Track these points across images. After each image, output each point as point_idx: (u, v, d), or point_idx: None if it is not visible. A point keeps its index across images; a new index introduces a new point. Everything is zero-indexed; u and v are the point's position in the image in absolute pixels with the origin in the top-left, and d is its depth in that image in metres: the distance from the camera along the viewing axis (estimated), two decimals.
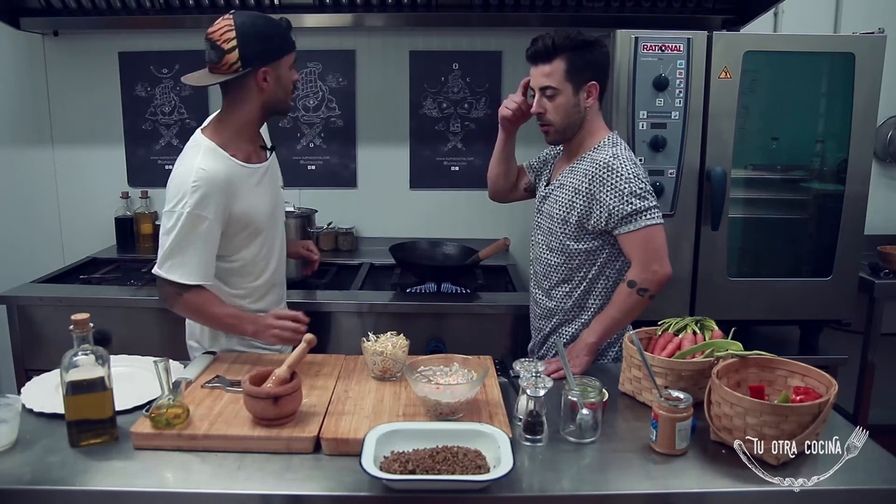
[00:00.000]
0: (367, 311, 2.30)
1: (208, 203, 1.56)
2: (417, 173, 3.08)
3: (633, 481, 1.21)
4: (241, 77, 1.59)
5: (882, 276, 2.62)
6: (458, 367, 1.45)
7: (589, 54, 1.67)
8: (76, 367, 1.23)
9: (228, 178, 1.60)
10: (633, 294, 1.65)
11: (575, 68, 1.66)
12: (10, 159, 3.07)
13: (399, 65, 3.00)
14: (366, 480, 1.13)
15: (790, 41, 2.37)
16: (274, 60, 1.61)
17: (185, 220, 1.55)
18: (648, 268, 1.64)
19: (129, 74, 3.00)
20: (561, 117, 1.71)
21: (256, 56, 1.57)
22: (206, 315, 1.64)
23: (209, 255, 1.61)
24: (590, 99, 1.70)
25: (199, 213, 1.55)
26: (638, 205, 1.63)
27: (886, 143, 3.02)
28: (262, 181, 1.73)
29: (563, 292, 1.80)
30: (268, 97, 1.64)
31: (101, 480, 1.17)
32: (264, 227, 1.72)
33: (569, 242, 1.75)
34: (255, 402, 1.28)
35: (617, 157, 1.66)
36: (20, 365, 2.32)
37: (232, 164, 1.63)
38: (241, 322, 1.63)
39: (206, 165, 1.58)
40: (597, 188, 1.66)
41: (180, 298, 1.60)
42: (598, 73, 1.70)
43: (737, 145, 2.32)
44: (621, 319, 1.68)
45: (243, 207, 1.64)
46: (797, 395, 1.28)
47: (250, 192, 1.67)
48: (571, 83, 1.67)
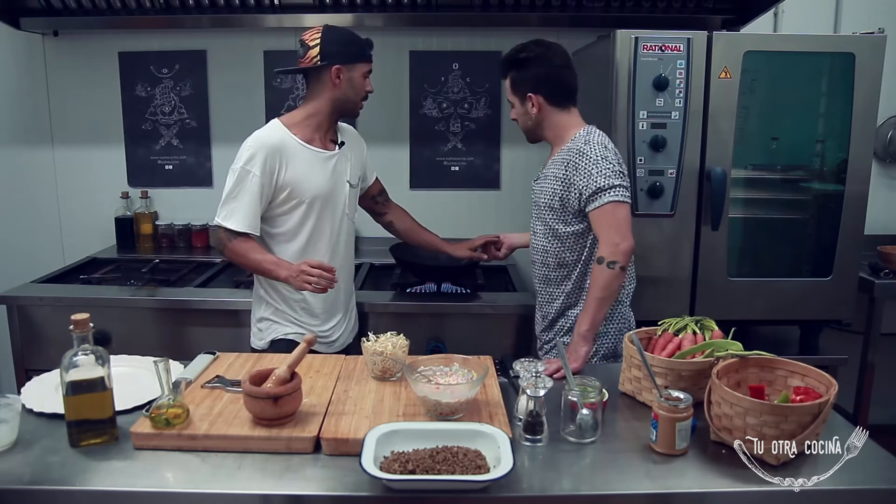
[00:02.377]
0: (367, 311, 2.30)
1: (256, 161, 1.81)
2: (417, 173, 3.08)
3: (633, 481, 1.20)
4: (319, 70, 1.86)
5: (882, 276, 2.62)
6: (458, 367, 1.45)
7: (523, 70, 1.85)
8: (76, 367, 1.23)
9: (282, 144, 1.85)
10: (604, 269, 1.72)
11: (514, 84, 1.88)
12: (10, 159, 3.07)
13: (399, 65, 3.00)
14: (366, 480, 1.13)
15: (790, 41, 2.37)
16: (349, 62, 1.87)
17: (238, 175, 1.82)
18: (612, 240, 1.73)
19: (129, 74, 3.01)
20: (521, 123, 1.92)
21: (334, 54, 1.85)
22: (248, 259, 1.85)
23: (255, 207, 1.83)
24: (535, 108, 1.84)
25: (248, 169, 1.81)
26: (602, 183, 1.73)
27: (886, 143, 3.02)
28: (323, 165, 1.92)
29: (560, 276, 1.89)
30: (338, 94, 1.89)
31: (101, 480, 1.17)
32: (308, 201, 1.89)
33: (557, 226, 1.85)
34: (255, 402, 1.28)
35: (588, 143, 1.78)
36: (20, 365, 2.32)
37: (289, 137, 1.87)
38: (278, 267, 1.81)
39: (262, 132, 1.87)
40: (571, 172, 1.78)
41: (229, 244, 1.84)
42: (536, 84, 1.83)
43: (737, 145, 2.32)
44: (603, 297, 1.74)
45: (293, 176, 1.85)
46: (797, 395, 1.28)
47: (304, 166, 1.87)
48: (517, 96, 1.88)
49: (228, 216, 1.83)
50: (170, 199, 3.08)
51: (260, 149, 1.82)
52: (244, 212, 1.82)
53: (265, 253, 1.86)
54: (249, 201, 1.82)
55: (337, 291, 1.96)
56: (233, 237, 1.83)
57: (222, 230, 1.85)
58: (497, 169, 3.08)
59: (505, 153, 3.07)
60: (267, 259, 1.83)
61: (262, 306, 1.99)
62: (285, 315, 1.97)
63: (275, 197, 1.87)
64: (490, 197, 3.10)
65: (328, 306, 2.00)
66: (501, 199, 3.11)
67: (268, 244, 1.93)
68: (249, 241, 1.85)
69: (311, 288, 1.74)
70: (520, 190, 3.09)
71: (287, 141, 1.86)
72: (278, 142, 1.85)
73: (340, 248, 2.01)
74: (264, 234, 1.92)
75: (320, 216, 1.92)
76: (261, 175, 1.81)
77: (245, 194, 1.82)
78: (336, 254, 1.99)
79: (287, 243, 1.92)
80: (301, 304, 1.96)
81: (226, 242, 1.85)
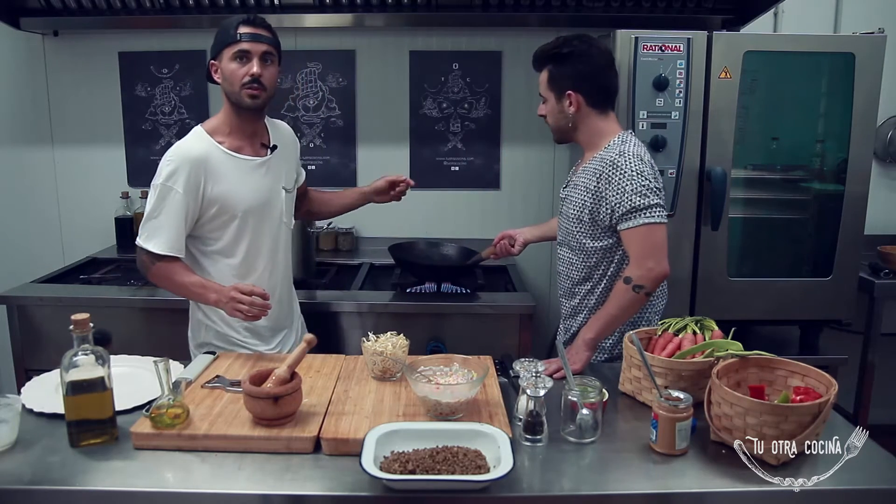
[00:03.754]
0: (367, 311, 2.30)
1: (179, 177, 1.66)
2: (417, 173, 3.08)
3: (633, 481, 1.20)
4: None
5: (882, 276, 2.62)
6: (458, 367, 1.45)
7: (566, 66, 1.74)
8: (76, 367, 1.23)
9: (205, 156, 1.69)
10: (629, 291, 1.66)
11: (552, 79, 1.77)
12: (10, 159, 3.07)
13: (399, 65, 3.00)
14: (366, 480, 1.13)
15: (790, 41, 2.37)
16: (216, 54, 1.72)
17: (159, 193, 1.67)
18: (644, 265, 1.65)
19: (129, 74, 3.00)
20: (552, 121, 1.81)
21: (212, 55, 1.74)
22: (174, 283, 1.70)
23: (179, 227, 1.68)
24: (572, 107, 1.75)
25: (169, 186, 1.66)
26: (638, 202, 1.64)
27: (886, 143, 3.02)
28: (253, 174, 1.77)
29: (584, 290, 1.82)
30: (225, 90, 1.73)
31: (101, 480, 1.17)
32: (241, 216, 1.74)
33: (585, 240, 1.78)
34: (255, 402, 1.28)
35: (623, 155, 1.68)
36: (20, 365, 2.32)
37: (213, 148, 1.72)
38: (207, 291, 1.67)
39: (183, 144, 1.71)
40: (604, 185, 1.69)
41: (153, 267, 1.69)
42: (577, 81, 1.74)
43: (737, 145, 2.32)
44: (618, 316, 1.69)
45: (221, 190, 1.71)
46: (797, 395, 1.28)
47: (232, 178, 1.72)
48: (553, 92, 1.77)
49: (150, 237, 1.67)
50: None
51: (182, 163, 1.66)
52: (167, 233, 1.66)
53: (191, 275, 1.70)
54: (172, 221, 1.66)
55: (280, 306, 1.87)
56: (156, 260, 1.67)
57: (144, 253, 1.68)
58: (497, 169, 3.08)
59: (505, 153, 3.07)
60: (193, 282, 1.68)
61: (201, 331, 1.84)
62: (228, 338, 1.82)
63: (203, 213, 1.71)
64: (490, 197, 3.10)
65: (272, 324, 1.87)
66: (501, 199, 3.10)
67: (202, 262, 1.78)
68: (175, 264, 1.69)
69: (242, 316, 1.62)
70: (520, 190, 3.09)
71: (212, 152, 1.70)
72: (202, 154, 1.69)
73: (279, 259, 1.87)
74: (199, 253, 1.78)
75: (256, 229, 1.77)
76: (184, 192, 1.65)
77: (167, 213, 1.66)
78: (276, 265, 1.86)
79: (224, 259, 1.78)
80: (243, 324, 1.80)
81: (149, 266, 1.69)
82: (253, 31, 1.68)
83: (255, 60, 1.67)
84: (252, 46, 1.67)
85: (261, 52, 1.68)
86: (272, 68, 1.72)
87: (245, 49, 1.67)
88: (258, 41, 1.68)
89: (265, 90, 1.70)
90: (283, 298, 1.90)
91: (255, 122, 1.79)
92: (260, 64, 1.68)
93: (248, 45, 1.67)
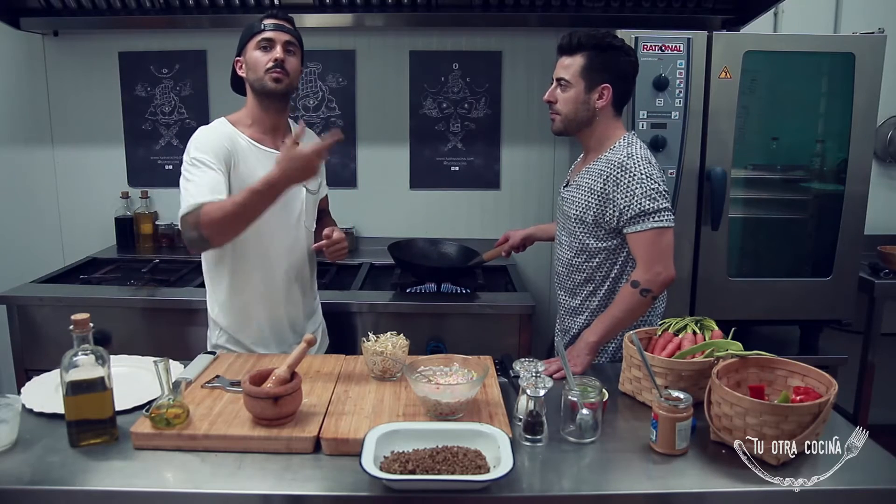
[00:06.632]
0: (367, 311, 2.30)
1: (207, 148, 1.68)
2: (417, 173, 3.08)
3: (633, 481, 1.20)
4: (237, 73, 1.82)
5: (882, 276, 2.62)
6: (458, 367, 1.45)
7: (609, 58, 1.70)
8: (76, 367, 1.23)
9: (229, 138, 1.73)
10: (635, 294, 1.66)
11: (591, 67, 1.70)
12: (10, 159, 3.07)
13: (399, 65, 3.00)
14: (366, 480, 1.13)
15: (790, 41, 2.37)
16: (242, 49, 1.79)
17: (190, 165, 1.67)
18: (652, 269, 1.64)
19: (129, 74, 3.00)
20: (568, 110, 1.74)
21: (238, 53, 1.81)
22: (231, 211, 1.54)
23: (217, 179, 1.64)
24: (601, 101, 1.72)
25: (200, 158, 1.66)
26: (647, 206, 1.64)
27: (886, 143, 3.02)
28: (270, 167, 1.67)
29: (587, 291, 1.81)
30: (250, 81, 1.77)
31: (101, 480, 1.17)
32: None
33: (588, 241, 1.77)
34: (255, 402, 1.27)
35: (631, 157, 1.67)
36: (20, 365, 2.32)
37: (236, 134, 1.75)
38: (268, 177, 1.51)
39: (210, 127, 1.76)
40: (611, 188, 1.68)
41: (203, 218, 1.55)
42: (616, 77, 1.71)
43: (737, 145, 2.32)
44: (623, 319, 1.68)
45: (243, 174, 1.71)
46: (797, 395, 1.28)
47: (253, 166, 1.73)
48: (585, 80, 1.71)
49: (188, 199, 1.61)
50: (170, 199, 3.06)
51: (208, 138, 1.70)
52: (206, 186, 1.61)
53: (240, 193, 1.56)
54: (206, 175, 1.63)
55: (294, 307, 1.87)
56: (199, 215, 1.55)
57: (189, 216, 1.59)
58: (497, 169, 3.08)
59: (505, 153, 3.07)
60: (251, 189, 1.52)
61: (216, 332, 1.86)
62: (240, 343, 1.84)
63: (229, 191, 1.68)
64: (490, 197, 3.10)
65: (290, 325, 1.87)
66: (501, 199, 3.10)
67: (214, 258, 1.78)
68: (216, 202, 1.57)
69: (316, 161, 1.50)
70: (520, 190, 3.09)
71: (234, 137, 1.74)
72: (225, 134, 1.73)
73: (296, 260, 1.84)
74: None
75: (272, 224, 1.72)
76: (216, 160, 1.66)
77: (201, 175, 1.63)
78: (291, 265, 1.83)
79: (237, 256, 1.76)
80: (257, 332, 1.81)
81: (200, 222, 1.55)
82: (276, 22, 1.76)
83: (278, 47, 1.73)
84: (276, 35, 1.74)
85: (284, 41, 1.74)
86: (294, 59, 1.77)
87: (269, 37, 1.74)
88: (281, 30, 1.75)
89: (288, 76, 1.74)
90: (296, 300, 1.88)
91: (277, 113, 1.81)
92: (283, 51, 1.74)
93: (271, 33, 1.74)
